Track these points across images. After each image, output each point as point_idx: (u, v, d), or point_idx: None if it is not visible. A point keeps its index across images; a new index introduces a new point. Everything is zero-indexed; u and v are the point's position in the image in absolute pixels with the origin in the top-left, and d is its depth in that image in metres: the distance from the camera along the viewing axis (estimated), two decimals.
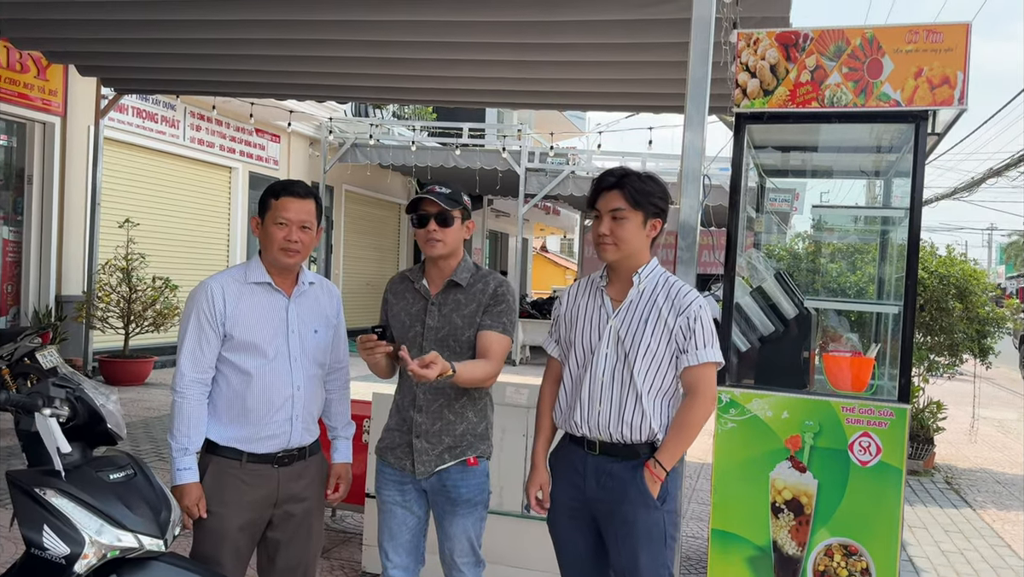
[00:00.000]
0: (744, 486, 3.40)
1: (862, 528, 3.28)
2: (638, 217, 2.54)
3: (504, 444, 3.75)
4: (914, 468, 7.13)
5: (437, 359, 2.41)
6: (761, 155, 4.43)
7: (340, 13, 5.99)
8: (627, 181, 2.53)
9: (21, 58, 8.95)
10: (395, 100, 11.03)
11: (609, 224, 2.53)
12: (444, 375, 2.45)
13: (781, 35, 3.39)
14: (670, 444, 2.51)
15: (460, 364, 2.53)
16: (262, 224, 2.67)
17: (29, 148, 9.51)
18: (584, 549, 2.64)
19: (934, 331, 7.28)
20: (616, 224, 2.53)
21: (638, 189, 2.53)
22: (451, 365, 2.47)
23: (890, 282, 4.68)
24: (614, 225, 2.53)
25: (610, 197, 2.54)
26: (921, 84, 3.23)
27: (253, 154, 13.15)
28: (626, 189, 2.52)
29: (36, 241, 9.54)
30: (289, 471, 2.68)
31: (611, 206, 2.53)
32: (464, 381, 2.59)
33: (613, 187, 2.54)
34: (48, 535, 2.19)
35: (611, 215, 2.53)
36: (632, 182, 2.53)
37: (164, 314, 9.62)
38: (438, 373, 2.41)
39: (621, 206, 2.52)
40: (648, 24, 5.62)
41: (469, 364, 2.59)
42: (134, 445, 6.67)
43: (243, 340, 2.61)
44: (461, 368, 2.52)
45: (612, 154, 15.02)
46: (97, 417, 2.41)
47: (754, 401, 3.39)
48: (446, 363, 2.44)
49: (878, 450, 3.26)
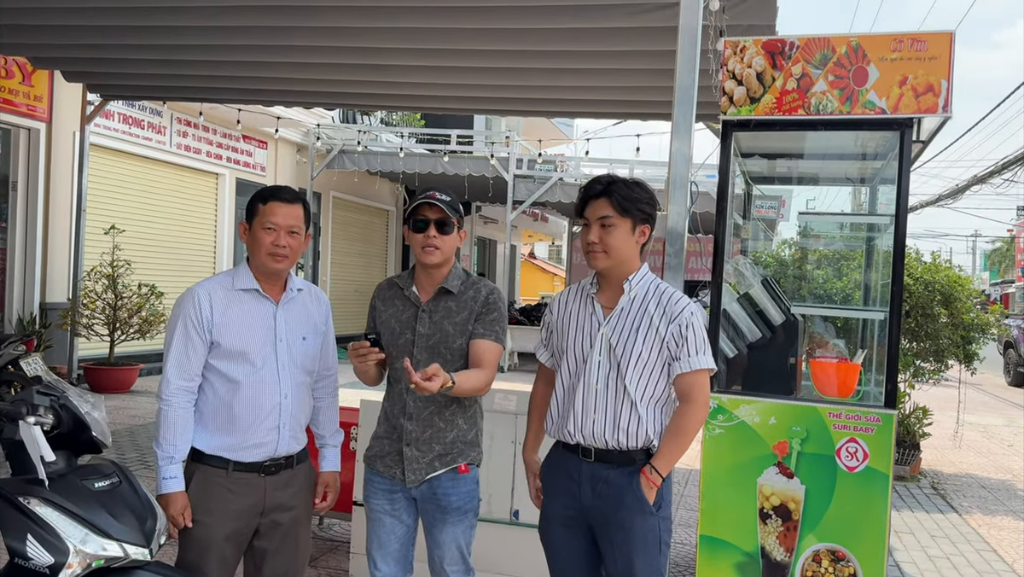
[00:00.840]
0: (732, 492, 3.40)
1: (850, 533, 3.29)
2: (626, 224, 2.54)
3: (492, 451, 3.74)
4: (900, 473, 7.17)
5: (439, 372, 2.40)
6: (748, 162, 4.46)
7: (327, 20, 5.99)
8: (614, 188, 2.54)
9: (6, 64, 8.89)
10: (383, 107, 11.04)
11: (598, 232, 2.53)
12: (445, 387, 2.44)
13: (767, 43, 3.41)
14: (666, 450, 2.51)
15: (457, 375, 2.52)
16: (250, 230, 2.66)
17: (14, 154, 9.44)
18: (577, 558, 2.63)
19: (920, 337, 7.32)
20: (605, 232, 2.53)
21: (625, 196, 2.53)
22: (451, 377, 2.46)
23: (876, 288, 4.71)
24: (603, 233, 2.53)
25: (598, 205, 2.55)
26: (906, 92, 3.26)
27: (240, 160, 13.10)
28: (613, 196, 2.53)
29: (20, 248, 9.46)
30: (276, 480, 2.66)
31: (599, 214, 2.54)
32: (461, 392, 2.58)
33: (600, 195, 2.54)
34: (32, 544, 2.17)
35: (600, 223, 2.53)
36: (619, 189, 2.54)
37: (150, 321, 9.57)
38: (440, 386, 2.41)
39: (609, 214, 2.52)
40: (635, 32, 5.64)
41: (464, 374, 2.58)
42: (119, 453, 6.62)
43: (230, 348, 2.59)
44: (459, 379, 2.52)
45: (600, 161, 15.05)
46: (82, 425, 2.39)
47: (742, 407, 3.40)
48: (447, 375, 2.44)
49: (865, 456, 3.28)
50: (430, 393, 2.43)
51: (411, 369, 2.43)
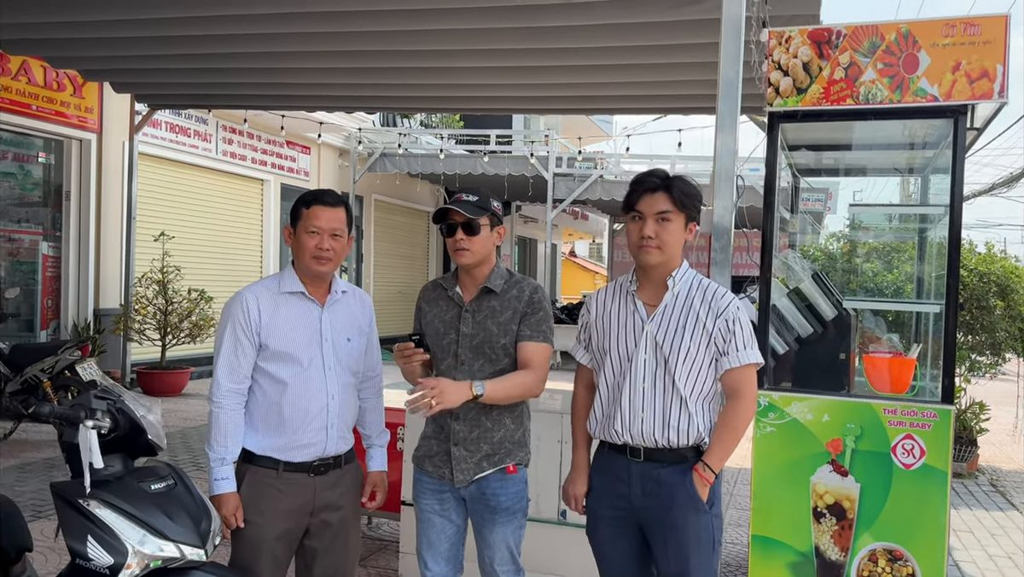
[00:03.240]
0: (785, 491, 3.34)
1: (907, 532, 3.21)
2: (681, 219, 2.51)
3: (539, 450, 3.73)
4: (958, 470, 6.99)
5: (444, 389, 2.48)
6: (794, 155, 4.38)
7: (368, 25, 6.03)
8: (674, 183, 2.50)
9: (58, 77, 9.13)
10: (423, 109, 11.08)
11: (654, 226, 2.49)
12: (475, 396, 2.52)
13: (814, 32, 3.35)
14: (717, 447, 2.48)
15: (489, 382, 2.56)
16: (294, 233, 2.69)
17: (67, 165, 9.70)
18: (627, 558, 2.60)
19: (975, 330, 7.14)
20: (661, 227, 2.49)
21: (684, 192, 2.50)
22: (474, 386, 2.52)
23: (929, 281, 4.59)
24: (659, 228, 2.49)
25: (656, 199, 2.50)
26: (959, 78, 3.17)
27: (284, 166, 13.28)
28: (673, 191, 2.49)
29: (74, 256, 9.71)
30: (325, 479, 2.69)
31: (657, 208, 2.49)
32: (498, 399, 2.60)
33: (659, 188, 2.50)
34: (92, 546, 2.22)
35: (657, 217, 2.49)
36: (679, 184, 2.50)
37: (200, 325, 9.75)
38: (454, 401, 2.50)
39: (668, 208, 2.48)
40: (676, 25, 5.58)
41: (498, 381, 2.60)
42: (172, 455, 6.75)
43: (278, 349, 2.63)
44: (492, 388, 2.56)
45: (641, 157, 14.93)
46: (138, 428, 2.44)
47: (793, 404, 3.34)
48: (465, 389, 2.51)
49: (922, 452, 3.19)
50: (452, 406, 2.52)
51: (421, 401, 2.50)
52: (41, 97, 9.05)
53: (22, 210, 9.45)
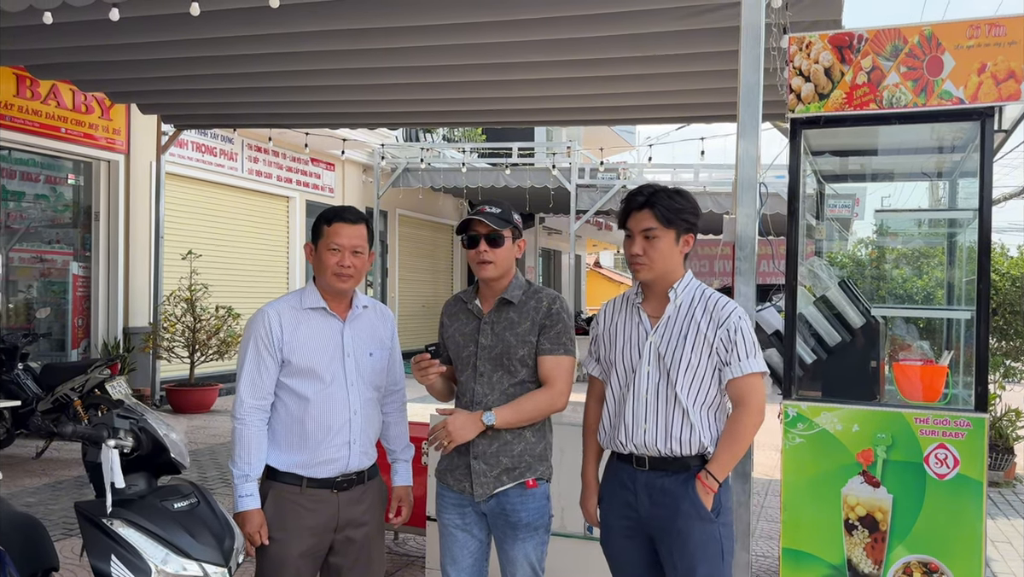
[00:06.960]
0: (815, 503, 3.28)
1: (942, 544, 3.13)
2: (670, 235, 2.51)
3: (563, 464, 3.69)
4: (994, 479, 6.83)
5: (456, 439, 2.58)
6: (818, 161, 4.32)
7: (389, 42, 6.07)
8: (656, 199, 2.50)
9: (86, 100, 9.31)
10: (445, 123, 11.13)
11: (642, 244, 2.50)
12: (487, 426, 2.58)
13: (834, 37, 3.31)
14: (721, 455, 2.48)
15: (499, 410, 2.59)
16: (315, 250, 2.70)
17: (96, 186, 9.87)
18: (640, 568, 2.60)
19: (1008, 335, 7.00)
20: (649, 244, 2.50)
21: (668, 207, 2.49)
22: (484, 417, 2.57)
23: (959, 286, 4.50)
24: (647, 245, 2.50)
25: (641, 217, 2.51)
26: (985, 79, 3.11)
27: (309, 183, 13.41)
28: (656, 208, 2.49)
29: (104, 275, 9.86)
30: (348, 495, 2.68)
31: (642, 226, 2.50)
32: (516, 422, 2.62)
33: (643, 206, 2.51)
34: (116, 565, 2.23)
35: (643, 235, 2.50)
36: (662, 200, 2.50)
37: (228, 342, 9.84)
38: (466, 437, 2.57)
39: (653, 225, 2.49)
40: (696, 34, 5.56)
41: (511, 406, 2.62)
42: (201, 472, 6.79)
43: (300, 365, 2.63)
44: (504, 414, 2.59)
45: (663, 167, 14.88)
46: (160, 447, 2.45)
47: (823, 415, 3.28)
48: (476, 421, 2.56)
49: (956, 462, 3.12)
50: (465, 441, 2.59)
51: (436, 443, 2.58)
52: (70, 120, 9.22)
53: (53, 231, 9.62)
